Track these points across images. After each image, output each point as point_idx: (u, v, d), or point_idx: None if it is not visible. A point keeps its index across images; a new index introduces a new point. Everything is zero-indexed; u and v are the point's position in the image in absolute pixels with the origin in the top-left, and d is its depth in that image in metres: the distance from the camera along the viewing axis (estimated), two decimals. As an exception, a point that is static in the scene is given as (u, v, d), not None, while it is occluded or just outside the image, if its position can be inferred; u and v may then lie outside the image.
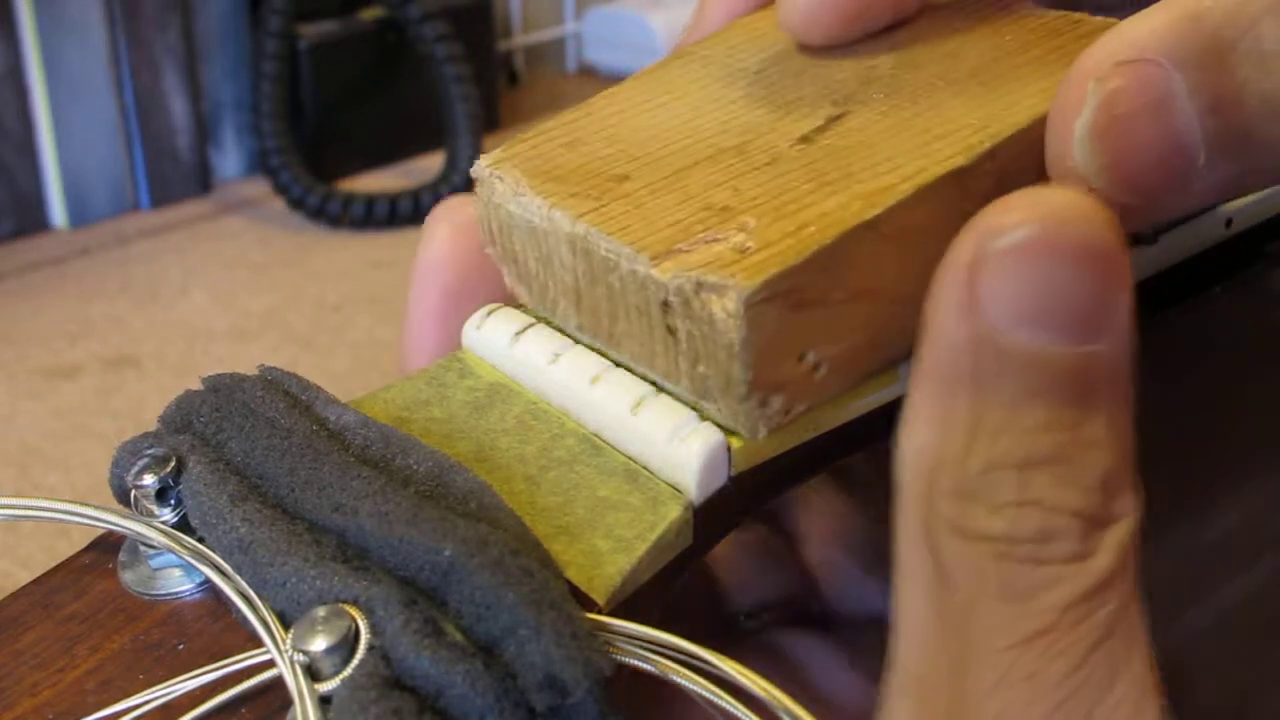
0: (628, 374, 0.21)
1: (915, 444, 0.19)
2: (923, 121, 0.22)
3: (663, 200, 0.21)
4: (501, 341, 0.23)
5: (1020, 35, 0.23)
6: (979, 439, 0.19)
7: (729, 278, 0.19)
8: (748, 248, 0.19)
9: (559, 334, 0.23)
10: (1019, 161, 0.21)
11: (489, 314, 0.23)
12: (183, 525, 0.20)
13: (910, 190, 0.20)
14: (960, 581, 0.19)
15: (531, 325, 0.23)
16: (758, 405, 0.20)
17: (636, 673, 0.18)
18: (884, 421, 0.22)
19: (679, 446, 0.20)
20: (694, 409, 0.21)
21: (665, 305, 0.20)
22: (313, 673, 0.17)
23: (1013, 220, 0.18)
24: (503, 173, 0.22)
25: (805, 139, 0.22)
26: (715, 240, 0.20)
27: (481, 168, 0.23)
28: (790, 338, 0.19)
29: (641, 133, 0.23)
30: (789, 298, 0.19)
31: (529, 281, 0.23)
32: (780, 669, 0.28)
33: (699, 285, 0.19)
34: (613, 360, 0.22)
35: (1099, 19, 0.23)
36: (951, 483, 0.19)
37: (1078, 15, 0.24)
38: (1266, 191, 0.27)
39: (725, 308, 0.19)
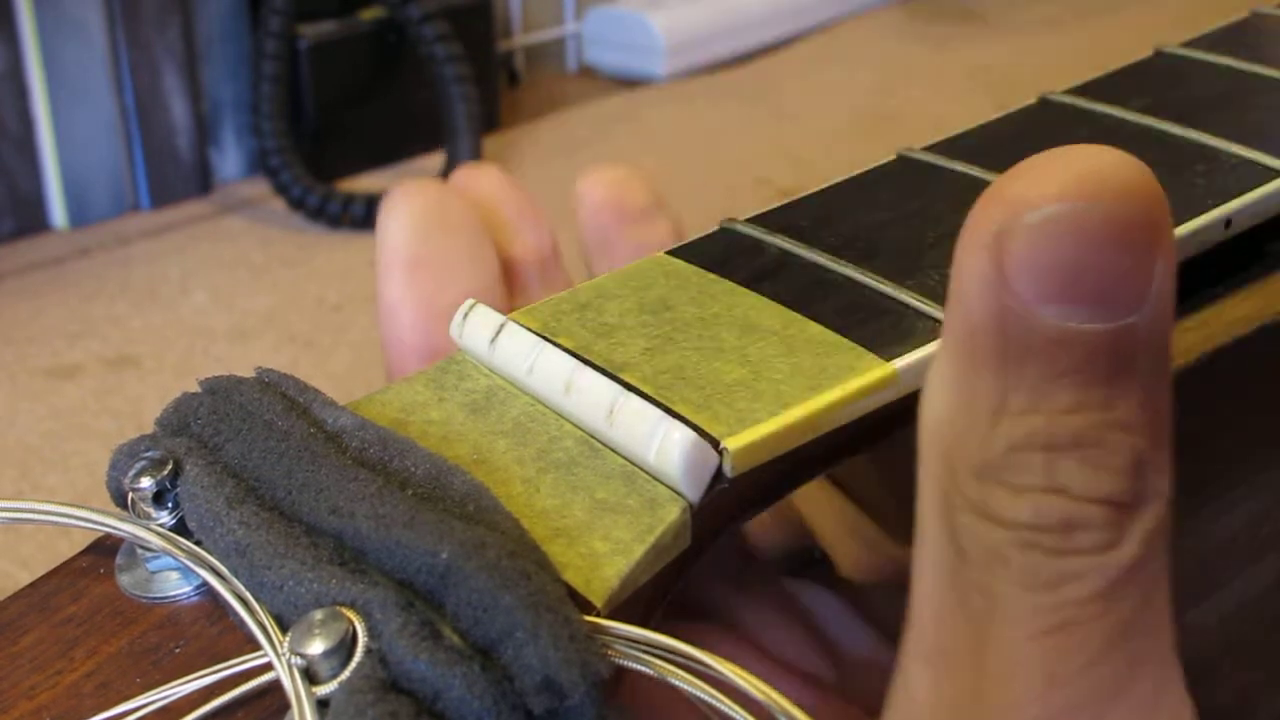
0: (595, 374, 0.21)
1: (936, 415, 0.18)
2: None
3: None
4: (482, 348, 0.23)
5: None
6: (1003, 419, 0.17)
7: None
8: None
9: (527, 333, 0.23)
10: None
11: (465, 316, 0.23)
12: (180, 528, 0.20)
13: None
14: (979, 562, 0.18)
15: (503, 327, 0.23)
16: None
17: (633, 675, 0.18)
18: (883, 424, 0.22)
19: (658, 452, 0.20)
20: (664, 406, 0.21)
21: None
22: (310, 676, 0.17)
23: (1042, 193, 0.17)
24: None
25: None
26: None
27: None
28: None
29: None
30: None
31: None
32: (789, 615, 0.28)
33: None
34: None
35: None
36: (974, 462, 0.18)
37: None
38: (1266, 191, 0.27)
39: None
